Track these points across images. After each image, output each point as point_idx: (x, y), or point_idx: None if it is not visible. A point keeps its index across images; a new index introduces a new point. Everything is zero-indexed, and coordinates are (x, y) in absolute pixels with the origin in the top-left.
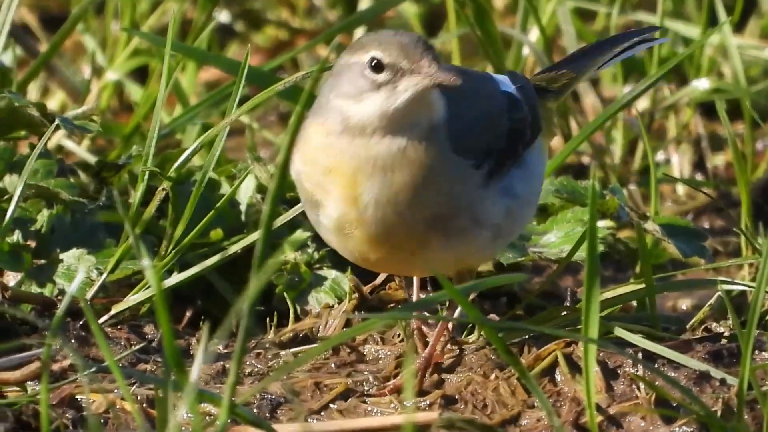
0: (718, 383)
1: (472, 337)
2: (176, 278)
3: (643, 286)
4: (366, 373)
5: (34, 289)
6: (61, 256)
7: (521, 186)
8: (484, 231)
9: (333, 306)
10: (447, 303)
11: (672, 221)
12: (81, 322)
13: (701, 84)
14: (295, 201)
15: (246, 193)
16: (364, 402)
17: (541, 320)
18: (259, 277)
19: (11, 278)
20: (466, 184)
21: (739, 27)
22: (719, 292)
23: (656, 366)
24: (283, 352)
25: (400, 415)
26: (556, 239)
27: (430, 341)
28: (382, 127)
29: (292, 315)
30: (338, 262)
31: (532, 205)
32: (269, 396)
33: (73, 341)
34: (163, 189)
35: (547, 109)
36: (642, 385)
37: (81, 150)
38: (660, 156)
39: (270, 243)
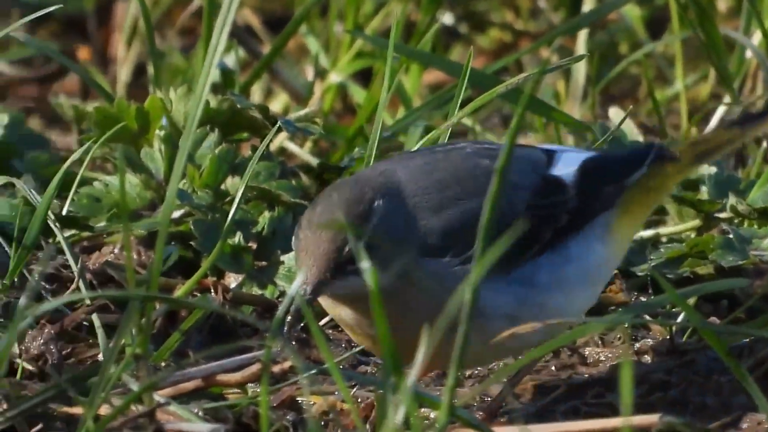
0: None
1: (693, 340)
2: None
3: None
4: (586, 375)
5: (255, 291)
6: (282, 257)
7: (548, 273)
8: (490, 322)
9: None
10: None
11: None
12: (301, 324)
13: None
14: None
15: None
16: (586, 404)
17: (762, 323)
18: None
19: (232, 280)
20: (445, 282)
21: None
22: None
23: None
24: None
25: (619, 417)
26: None
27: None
28: None
29: None
30: None
31: (566, 292)
32: (489, 398)
33: (293, 343)
34: None
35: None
36: None
37: (303, 152)
38: None
39: None
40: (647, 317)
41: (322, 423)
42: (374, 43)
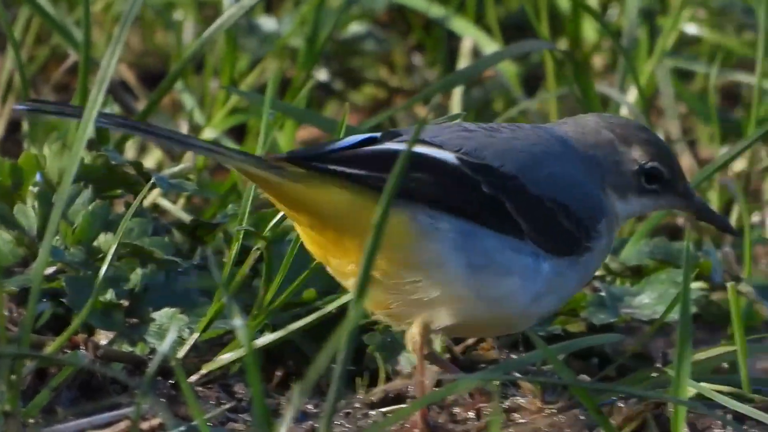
0: None
1: (563, 398)
2: (267, 338)
3: (735, 348)
4: None
5: (126, 348)
6: (154, 315)
7: None
8: None
9: None
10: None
11: (766, 283)
12: (172, 381)
13: None
14: None
15: None
16: None
17: (632, 381)
18: (349, 336)
19: (103, 337)
20: None
21: None
22: None
23: (745, 427)
24: (372, 412)
25: None
26: (649, 300)
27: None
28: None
29: (382, 375)
30: None
31: None
32: None
33: (163, 400)
34: (258, 248)
35: None
36: None
37: (176, 209)
38: (755, 218)
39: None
40: (517, 374)
41: None
42: (250, 99)
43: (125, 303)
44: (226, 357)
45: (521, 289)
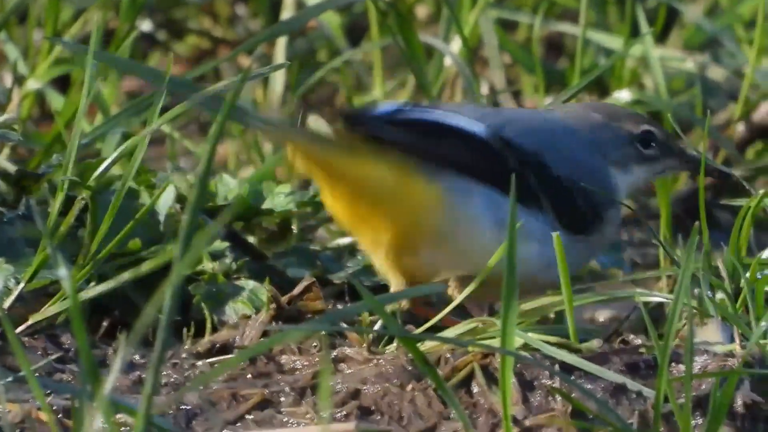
0: (634, 395)
1: (390, 348)
2: (93, 289)
3: (561, 297)
4: (283, 383)
5: None
6: None
7: None
8: None
9: (250, 316)
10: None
11: None
12: None
13: (622, 96)
14: (214, 211)
15: (165, 203)
16: (280, 413)
17: (459, 332)
18: (175, 286)
19: None
20: None
21: (661, 38)
22: (637, 304)
23: (573, 378)
24: (199, 363)
25: (316, 425)
26: None
27: None
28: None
29: (209, 325)
30: (256, 272)
31: None
32: (185, 406)
33: None
34: (83, 198)
35: None
36: (558, 397)
37: (1, 159)
38: None
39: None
40: (344, 325)
41: (18, 430)
42: (73, 49)
43: None
44: (52, 308)
45: (538, 254)
